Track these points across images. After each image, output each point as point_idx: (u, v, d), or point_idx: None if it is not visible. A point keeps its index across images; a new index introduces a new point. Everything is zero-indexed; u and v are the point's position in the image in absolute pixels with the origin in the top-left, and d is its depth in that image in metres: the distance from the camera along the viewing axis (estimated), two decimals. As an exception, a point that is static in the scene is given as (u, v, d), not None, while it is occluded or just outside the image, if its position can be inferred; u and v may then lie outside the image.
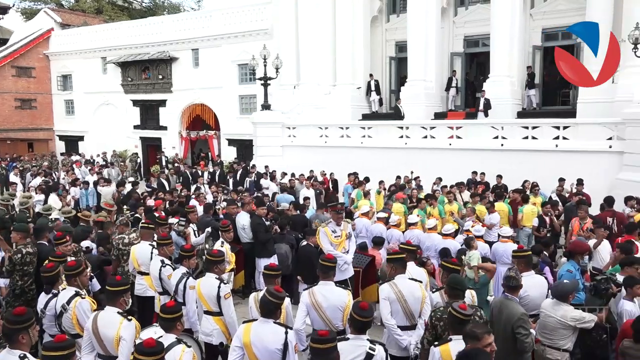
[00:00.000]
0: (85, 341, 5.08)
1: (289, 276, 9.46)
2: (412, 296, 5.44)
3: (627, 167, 14.70)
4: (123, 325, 4.88)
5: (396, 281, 5.56)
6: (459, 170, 16.03)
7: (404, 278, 5.58)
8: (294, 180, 16.82)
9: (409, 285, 5.53)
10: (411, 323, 5.50)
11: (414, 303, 5.44)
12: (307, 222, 11.16)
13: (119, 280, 5.32)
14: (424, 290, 5.56)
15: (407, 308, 5.43)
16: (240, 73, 27.23)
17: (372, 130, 19.94)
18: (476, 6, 22.23)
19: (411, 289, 5.49)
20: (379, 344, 4.50)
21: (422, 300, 5.47)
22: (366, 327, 4.52)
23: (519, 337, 5.11)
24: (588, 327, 5.47)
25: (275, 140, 21.38)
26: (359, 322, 4.47)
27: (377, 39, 24.84)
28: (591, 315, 5.51)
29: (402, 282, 5.55)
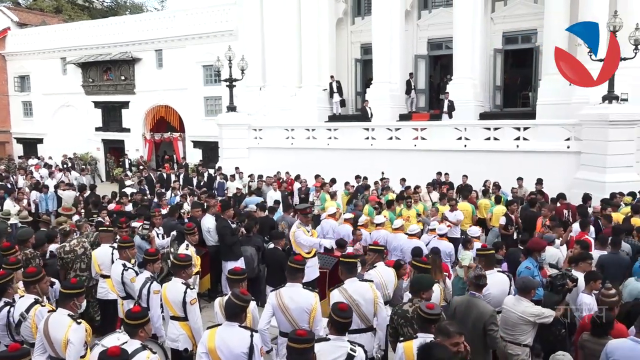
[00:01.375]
0: (37, 342, 5.02)
1: (255, 279, 9.44)
2: (363, 299, 5.44)
3: (584, 167, 15.18)
4: (72, 329, 4.80)
5: (346, 286, 5.55)
6: (424, 170, 16.25)
7: (354, 281, 5.57)
8: (261, 182, 16.73)
9: (359, 288, 5.52)
10: (367, 325, 5.50)
11: (366, 305, 5.44)
12: (275, 224, 11.13)
13: (73, 283, 5.24)
14: (374, 290, 5.54)
15: (360, 312, 5.42)
16: (205, 74, 26.96)
17: (338, 131, 20.03)
18: (439, 10, 22.61)
19: (361, 291, 5.48)
20: (359, 346, 4.53)
21: (373, 301, 5.47)
22: (346, 327, 4.54)
23: (490, 333, 5.24)
24: (547, 322, 5.63)
25: (241, 142, 21.24)
26: (339, 323, 4.47)
27: (343, 41, 24.98)
28: (550, 311, 5.66)
29: (352, 286, 5.54)
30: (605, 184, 13.84)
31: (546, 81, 18.31)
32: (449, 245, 9.17)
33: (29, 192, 16.53)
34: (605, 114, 14.49)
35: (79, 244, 7.92)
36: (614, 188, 13.02)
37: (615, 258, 7.57)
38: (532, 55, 21.08)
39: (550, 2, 18.05)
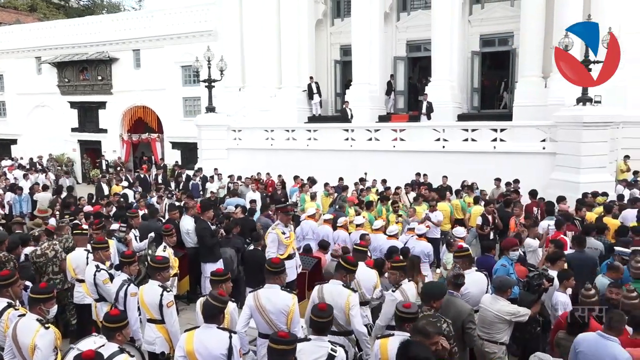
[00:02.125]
0: (6, 347, 4.93)
1: (235, 280, 9.37)
2: (335, 303, 5.30)
3: (559, 168, 15.45)
4: (39, 334, 4.72)
5: (325, 285, 5.58)
6: (403, 171, 16.38)
7: (336, 284, 5.53)
8: (238, 183, 16.65)
9: (336, 292, 5.45)
10: (339, 329, 5.43)
11: (336, 309, 5.28)
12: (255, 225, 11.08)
13: (41, 288, 5.16)
14: (350, 300, 5.39)
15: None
16: (184, 75, 26.75)
17: (318, 132, 20.06)
18: (418, 12, 22.79)
19: (334, 295, 5.41)
20: (340, 346, 4.55)
21: (344, 309, 5.35)
22: (326, 327, 4.56)
23: (468, 332, 5.33)
24: (522, 320, 5.71)
25: (220, 143, 21.12)
26: (318, 323, 4.49)
27: (322, 42, 25.01)
28: (525, 310, 5.74)
29: (330, 287, 5.51)
30: (580, 184, 14.10)
31: (522, 83, 18.62)
32: (427, 245, 9.24)
33: (3, 193, 16.20)
34: (580, 116, 14.77)
35: (50, 247, 7.79)
36: (587, 188, 13.28)
37: (581, 257, 7.73)
38: (509, 58, 21.40)
39: (527, 5, 18.35)
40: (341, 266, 5.71)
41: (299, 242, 10.48)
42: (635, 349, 4.88)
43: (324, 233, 10.32)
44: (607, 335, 4.81)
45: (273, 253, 7.59)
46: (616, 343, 4.78)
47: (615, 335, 4.84)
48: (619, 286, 6.22)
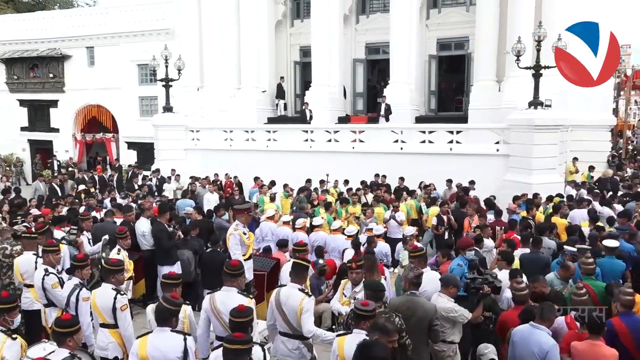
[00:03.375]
0: None
1: (192, 283, 9.26)
2: (289, 306, 5.34)
3: (512, 169, 15.90)
4: (6, 345, 4.55)
5: (282, 289, 5.54)
6: (362, 172, 16.53)
7: (294, 287, 5.49)
8: (195, 184, 16.42)
9: (291, 295, 5.41)
10: (294, 332, 5.40)
11: (290, 312, 5.35)
12: (213, 227, 10.96)
13: (4, 297, 4.92)
14: (302, 304, 5.32)
15: (285, 317, 5.37)
16: (140, 73, 26.21)
17: (277, 133, 20.00)
18: (376, 15, 23.05)
19: (290, 299, 5.38)
20: (258, 345, 4.54)
21: (297, 313, 5.32)
22: (242, 328, 4.47)
23: (435, 328, 5.42)
24: (460, 322, 5.80)
25: (177, 143, 20.77)
26: (235, 323, 4.46)
27: (282, 43, 24.98)
28: (462, 310, 5.81)
29: (287, 291, 5.48)
30: (532, 185, 14.53)
31: (477, 87, 19.11)
32: (385, 245, 9.36)
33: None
34: (531, 119, 15.25)
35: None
36: (539, 189, 13.72)
37: (534, 257, 8.01)
38: (464, 62, 21.93)
39: (481, 11, 18.86)
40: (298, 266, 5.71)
41: (258, 243, 10.44)
42: (582, 342, 5.11)
43: (284, 234, 10.30)
44: (538, 325, 5.11)
45: (239, 254, 7.52)
46: (545, 332, 5.06)
47: (546, 325, 5.12)
48: (543, 280, 6.54)
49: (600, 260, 7.36)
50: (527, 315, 5.38)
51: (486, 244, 9.18)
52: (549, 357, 4.88)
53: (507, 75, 18.08)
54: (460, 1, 21.85)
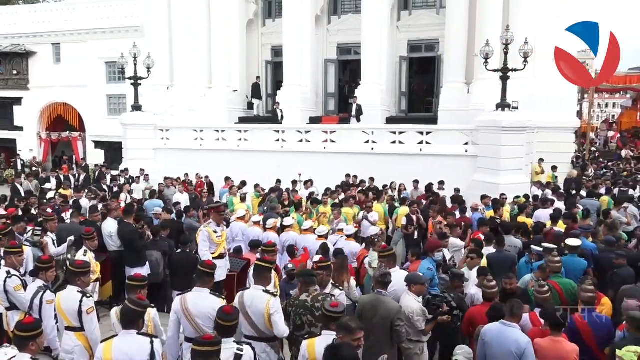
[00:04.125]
0: None
1: (161, 284, 9.14)
2: (255, 309, 5.29)
3: (480, 170, 16.19)
4: None
5: (246, 292, 5.46)
6: (333, 173, 16.56)
7: (258, 289, 5.42)
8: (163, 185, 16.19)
9: (256, 298, 5.35)
10: (260, 336, 5.37)
11: (256, 317, 5.31)
12: (183, 228, 10.84)
13: None
14: (269, 305, 5.26)
15: (250, 320, 5.33)
16: (108, 71, 25.78)
17: (248, 133, 19.89)
18: (348, 16, 23.16)
19: (255, 302, 5.32)
20: (246, 344, 4.54)
21: (265, 315, 5.27)
22: (231, 330, 4.51)
23: (397, 329, 5.44)
24: (417, 327, 5.84)
25: (146, 142, 20.44)
26: (223, 327, 4.44)
27: (254, 42, 24.88)
28: (423, 318, 5.87)
29: (252, 293, 5.41)
30: (499, 185, 14.81)
31: (447, 89, 19.40)
32: (355, 245, 9.40)
33: None
34: (499, 121, 15.55)
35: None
36: (506, 189, 14.01)
37: (501, 256, 8.17)
38: (434, 64, 22.23)
39: (451, 14, 19.16)
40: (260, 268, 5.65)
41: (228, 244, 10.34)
42: (545, 338, 5.24)
43: (254, 235, 10.24)
44: (509, 323, 5.18)
45: (206, 251, 7.45)
46: (517, 329, 5.16)
47: (516, 322, 5.23)
48: (511, 277, 6.69)
49: (563, 258, 7.56)
50: (496, 312, 5.50)
51: (456, 243, 9.33)
52: (526, 354, 4.98)
53: (475, 78, 18.41)
54: (431, 4, 22.15)
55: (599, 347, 5.53)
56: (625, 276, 7.19)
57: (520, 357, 4.97)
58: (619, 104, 59.53)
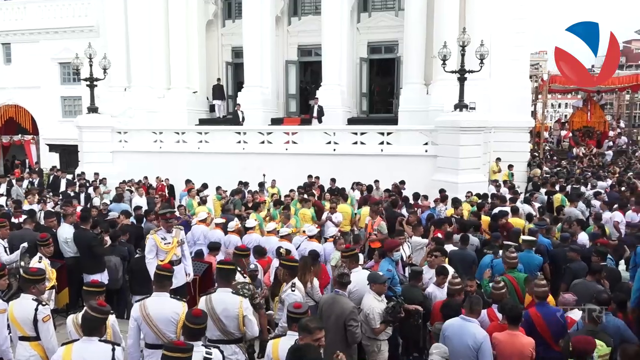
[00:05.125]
0: None
1: (120, 290, 8.94)
2: (227, 312, 5.25)
3: (440, 169, 16.52)
4: None
5: (214, 295, 5.37)
6: (295, 174, 16.56)
7: (225, 292, 5.38)
8: (124, 188, 15.83)
9: (226, 301, 5.31)
10: (229, 338, 5.33)
11: (227, 322, 5.27)
12: (142, 232, 10.62)
13: None
14: (242, 308, 5.27)
15: (220, 325, 5.29)
16: (62, 72, 25.05)
17: (209, 135, 19.66)
18: (308, 17, 23.23)
19: (226, 305, 5.27)
20: (214, 348, 4.51)
21: (238, 317, 5.26)
22: (200, 334, 4.49)
23: (350, 329, 5.48)
24: (371, 324, 5.92)
25: (104, 145, 19.92)
26: (192, 330, 4.40)
27: (214, 43, 24.65)
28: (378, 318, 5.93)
29: (220, 296, 5.35)
30: (458, 184, 15.17)
31: (407, 90, 19.69)
32: (318, 246, 9.42)
33: None
34: (457, 121, 15.90)
35: None
36: (465, 188, 14.35)
37: (462, 253, 8.40)
38: (394, 65, 22.52)
39: (409, 17, 19.46)
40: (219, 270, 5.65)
41: (190, 247, 10.19)
42: (503, 332, 5.40)
43: (216, 237, 10.14)
44: (468, 318, 5.36)
45: (152, 259, 7.30)
46: (476, 324, 5.33)
47: (475, 317, 5.39)
48: (472, 278, 6.92)
49: (520, 254, 7.80)
50: (449, 310, 5.65)
51: (418, 241, 9.49)
52: (483, 347, 5.14)
53: (434, 79, 18.76)
54: (390, 6, 22.45)
55: (553, 339, 5.73)
56: (578, 270, 7.47)
57: (477, 351, 5.13)
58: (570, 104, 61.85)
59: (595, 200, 13.36)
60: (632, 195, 13.83)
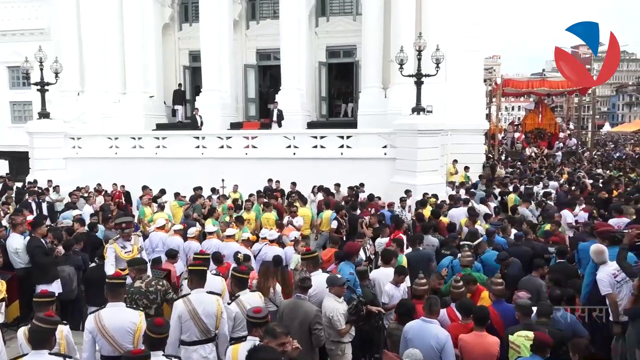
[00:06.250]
0: None
1: (75, 300, 8.67)
2: (206, 312, 5.40)
3: (398, 172, 16.73)
4: None
5: (191, 297, 5.45)
6: (255, 178, 16.47)
7: (201, 292, 5.49)
8: (78, 195, 15.36)
9: (204, 300, 5.45)
10: (207, 337, 5.45)
11: (207, 318, 5.39)
12: (96, 241, 10.32)
13: None
14: (220, 305, 5.51)
15: (202, 325, 5.38)
16: (11, 76, 24.19)
17: (166, 140, 19.30)
18: (267, 21, 23.20)
19: (205, 304, 5.42)
20: (175, 357, 4.49)
21: (217, 315, 5.43)
22: (162, 343, 4.42)
23: (315, 332, 5.49)
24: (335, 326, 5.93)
25: (56, 152, 19.28)
26: (153, 339, 4.34)
27: (170, 46, 24.31)
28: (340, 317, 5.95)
29: (198, 297, 5.45)
30: (416, 186, 15.40)
31: (365, 94, 19.90)
32: (279, 250, 9.40)
33: None
34: (415, 124, 16.16)
35: None
36: (423, 190, 14.58)
37: (417, 254, 8.56)
38: (352, 69, 22.73)
39: (367, 21, 19.70)
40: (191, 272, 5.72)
41: (148, 255, 9.98)
42: (470, 334, 5.52)
43: (175, 244, 9.96)
44: (429, 319, 5.43)
45: (112, 266, 7.15)
46: (437, 325, 5.41)
47: (435, 317, 5.49)
48: (439, 276, 7.10)
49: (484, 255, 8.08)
50: (404, 309, 5.73)
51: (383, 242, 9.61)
52: (446, 348, 5.20)
53: (392, 82, 19.01)
54: (348, 10, 22.66)
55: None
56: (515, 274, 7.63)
57: (440, 351, 5.19)
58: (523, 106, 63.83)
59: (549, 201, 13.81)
60: (582, 194, 14.40)
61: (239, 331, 5.60)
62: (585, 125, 53.06)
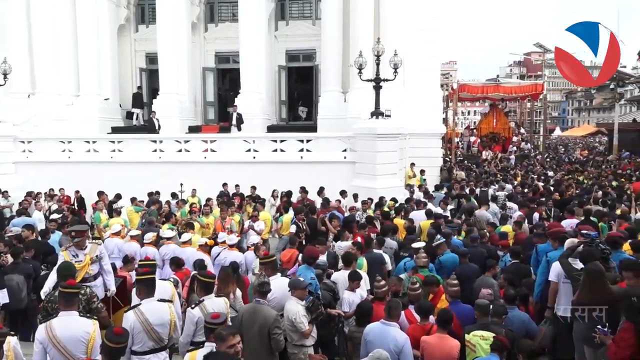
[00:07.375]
0: None
1: (25, 310, 8.35)
2: (161, 322, 5.29)
3: (358, 175, 16.87)
4: None
5: (142, 307, 5.30)
6: (214, 182, 16.28)
7: (152, 301, 5.35)
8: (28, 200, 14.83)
9: (157, 309, 5.32)
10: (160, 346, 5.34)
11: (160, 327, 5.28)
12: (49, 248, 9.98)
13: None
14: (173, 312, 5.39)
15: (155, 335, 5.26)
16: (-45, 77, 22.96)
17: (122, 144, 18.84)
18: (225, 24, 23.01)
19: (159, 313, 5.30)
20: None
21: (170, 324, 5.34)
22: (120, 353, 4.35)
23: (275, 337, 5.47)
24: (299, 328, 5.96)
25: (5, 156, 18.54)
26: (112, 349, 4.25)
27: (126, 48, 23.79)
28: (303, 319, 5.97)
29: (149, 307, 5.30)
30: (376, 189, 15.56)
31: (325, 98, 20.00)
32: (238, 255, 9.34)
33: None
34: (374, 128, 16.34)
35: None
36: (382, 193, 14.76)
37: (369, 256, 8.66)
38: (312, 73, 22.81)
39: (326, 26, 19.83)
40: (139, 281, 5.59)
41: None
42: (432, 335, 5.62)
43: (131, 250, 9.74)
44: (388, 322, 5.49)
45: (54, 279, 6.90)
46: (396, 328, 5.48)
47: (395, 320, 5.56)
48: (399, 279, 7.18)
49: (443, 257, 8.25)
50: (361, 311, 5.78)
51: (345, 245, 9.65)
52: (404, 350, 5.26)
53: (351, 87, 19.18)
54: (307, 15, 22.74)
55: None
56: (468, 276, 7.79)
57: (398, 354, 5.24)
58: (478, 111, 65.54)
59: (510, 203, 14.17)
60: (535, 196, 14.89)
61: (200, 336, 5.49)
62: (537, 129, 54.90)
